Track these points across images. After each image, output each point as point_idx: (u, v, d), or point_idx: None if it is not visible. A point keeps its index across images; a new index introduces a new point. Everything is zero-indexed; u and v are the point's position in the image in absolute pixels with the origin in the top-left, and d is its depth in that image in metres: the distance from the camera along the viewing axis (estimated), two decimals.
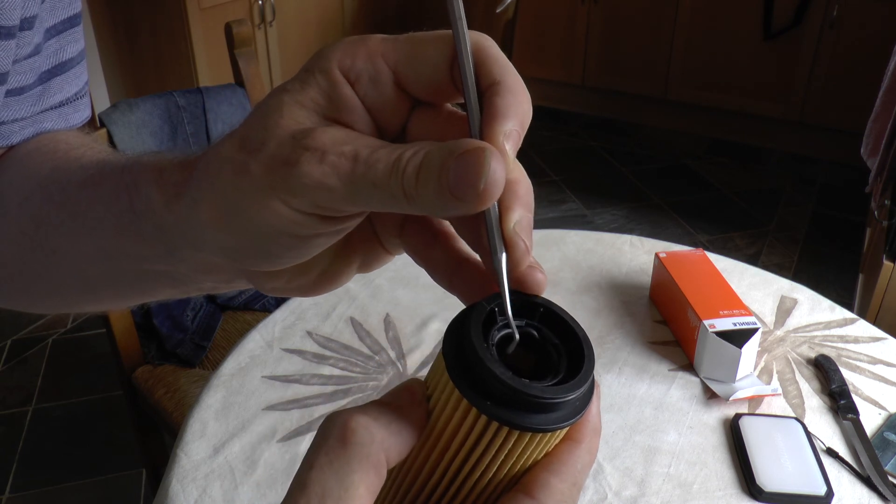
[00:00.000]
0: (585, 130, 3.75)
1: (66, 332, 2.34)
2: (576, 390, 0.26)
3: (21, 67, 0.44)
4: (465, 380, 0.26)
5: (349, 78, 0.27)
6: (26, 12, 0.42)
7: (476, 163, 0.24)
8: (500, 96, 0.26)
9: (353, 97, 0.28)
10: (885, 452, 0.86)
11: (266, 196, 0.27)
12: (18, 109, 0.45)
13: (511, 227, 0.27)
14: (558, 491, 0.27)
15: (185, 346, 1.47)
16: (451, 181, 0.24)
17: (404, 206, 0.26)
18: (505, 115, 0.26)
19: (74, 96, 0.49)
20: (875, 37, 3.04)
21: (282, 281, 0.32)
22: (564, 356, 0.28)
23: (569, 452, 0.27)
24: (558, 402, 0.26)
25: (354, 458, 0.25)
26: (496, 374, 0.25)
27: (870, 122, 2.27)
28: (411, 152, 0.25)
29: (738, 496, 0.81)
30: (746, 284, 1.17)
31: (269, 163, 0.27)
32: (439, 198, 0.25)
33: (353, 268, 0.33)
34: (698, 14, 3.40)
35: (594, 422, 0.28)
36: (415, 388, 0.28)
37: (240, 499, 0.79)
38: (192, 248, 0.31)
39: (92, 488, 1.83)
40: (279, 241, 0.28)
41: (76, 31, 0.48)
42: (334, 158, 0.26)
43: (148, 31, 2.88)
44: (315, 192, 0.26)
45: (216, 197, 0.28)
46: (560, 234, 1.29)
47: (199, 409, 0.91)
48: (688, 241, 2.81)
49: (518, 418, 0.25)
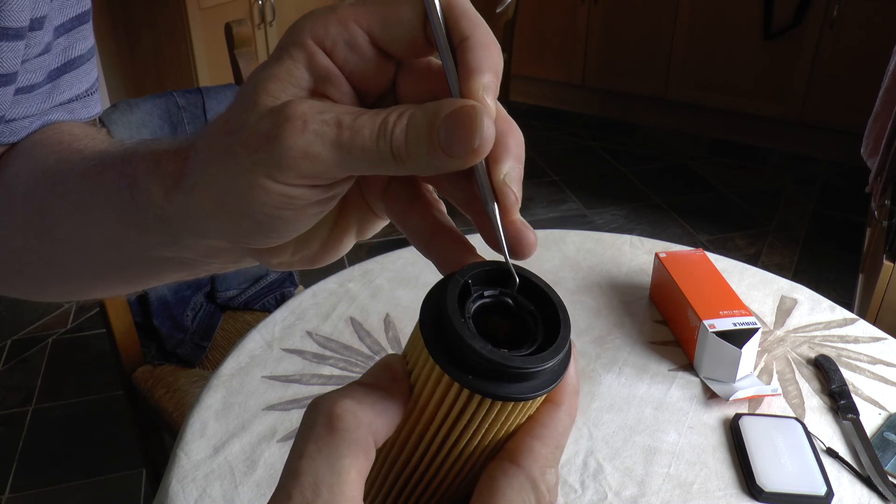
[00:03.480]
0: (585, 130, 3.75)
1: (66, 332, 2.34)
2: (553, 358, 0.26)
3: (31, 66, 0.44)
4: (444, 354, 0.26)
5: (325, 47, 0.27)
6: (36, 13, 0.42)
7: (468, 121, 0.25)
8: (472, 52, 0.26)
9: (330, 66, 0.28)
10: (885, 452, 0.86)
11: (254, 175, 0.27)
12: (29, 107, 0.45)
13: (501, 178, 0.27)
14: (542, 456, 0.27)
15: (185, 346, 1.47)
16: (443, 140, 0.25)
17: (393, 167, 0.26)
18: (479, 68, 0.26)
19: (85, 93, 0.49)
20: (875, 37, 3.04)
21: (286, 255, 0.32)
22: (541, 323, 0.28)
23: (550, 416, 0.28)
24: (536, 370, 0.26)
25: (343, 444, 0.25)
26: (474, 347, 0.25)
27: (870, 122, 2.27)
28: (396, 115, 0.26)
29: (738, 496, 0.81)
30: (746, 284, 1.17)
31: (251, 141, 0.27)
32: (432, 157, 0.25)
33: (352, 234, 0.34)
34: (698, 14, 3.40)
35: (573, 383, 0.28)
36: (394, 365, 0.28)
37: (240, 499, 0.79)
38: (194, 235, 0.32)
39: (92, 488, 1.83)
40: (275, 217, 0.28)
41: (85, 28, 0.48)
42: (317, 126, 0.26)
43: (148, 32, 2.88)
44: (301, 163, 0.26)
45: (208, 184, 0.29)
46: (560, 234, 1.29)
47: (199, 409, 0.91)
48: (688, 241, 2.81)
49: (498, 389, 0.26)
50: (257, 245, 0.31)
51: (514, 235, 0.29)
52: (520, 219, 0.29)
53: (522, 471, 0.27)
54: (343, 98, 0.28)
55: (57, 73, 0.47)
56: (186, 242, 0.33)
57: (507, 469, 0.27)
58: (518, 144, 0.28)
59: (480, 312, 0.28)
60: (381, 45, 0.28)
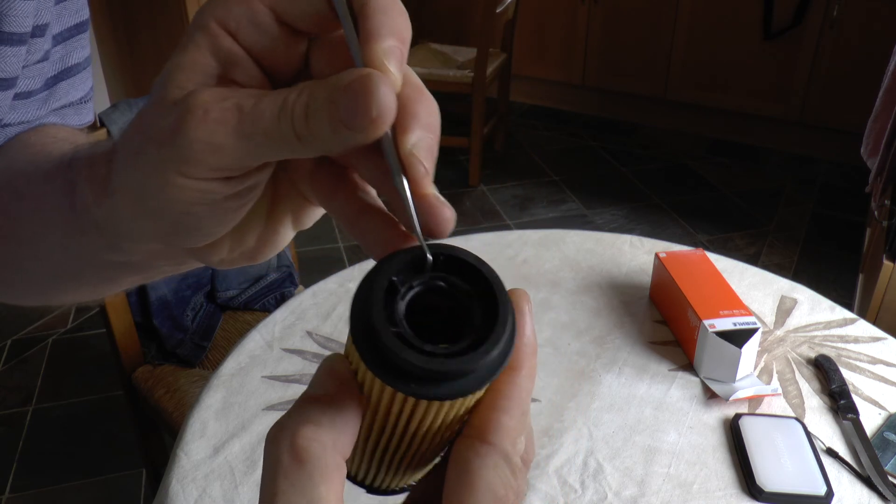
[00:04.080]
0: (585, 130, 3.75)
1: (66, 332, 2.34)
2: (493, 349, 0.25)
3: (30, 72, 0.45)
4: (380, 366, 0.25)
5: (229, 29, 0.26)
6: (39, 20, 0.42)
7: (364, 91, 0.23)
8: (371, 17, 0.25)
9: (235, 48, 0.27)
10: (885, 452, 0.86)
11: (164, 172, 0.26)
12: (24, 112, 0.46)
13: (408, 149, 0.25)
14: (511, 428, 0.27)
15: (185, 346, 1.47)
16: (343, 114, 0.24)
17: (298, 148, 0.25)
18: (378, 33, 0.25)
19: (79, 101, 0.50)
20: (875, 37, 3.04)
21: (224, 252, 0.32)
22: (477, 301, 0.27)
23: (511, 384, 0.27)
24: (475, 367, 0.25)
25: (315, 472, 0.25)
26: (409, 360, 0.24)
27: (870, 122, 2.27)
28: (295, 94, 0.25)
29: (738, 496, 0.81)
30: (746, 284, 1.17)
31: (157, 137, 0.26)
32: (334, 133, 0.24)
33: (288, 225, 0.33)
34: (698, 14, 3.40)
35: (529, 344, 0.28)
36: (339, 370, 0.27)
37: (240, 499, 0.79)
38: (128, 239, 0.31)
39: (92, 488, 1.83)
40: (193, 214, 0.27)
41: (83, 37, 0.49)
42: (217, 115, 0.25)
43: (148, 32, 2.88)
44: (207, 156, 0.25)
45: (127, 185, 0.28)
46: (560, 234, 1.29)
47: (199, 409, 0.91)
48: (688, 241, 2.81)
49: (441, 390, 0.25)
50: (188, 244, 0.30)
51: (427, 211, 0.26)
52: (433, 193, 0.26)
53: (494, 448, 0.26)
54: (252, 81, 0.27)
55: (53, 81, 0.47)
56: (124, 246, 0.32)
57: (479, 449, 0.26)
58: (430, 113, 0.26)
59: (414, 303, 0.27)
60: (288, 21, 0.27)
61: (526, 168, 3.39)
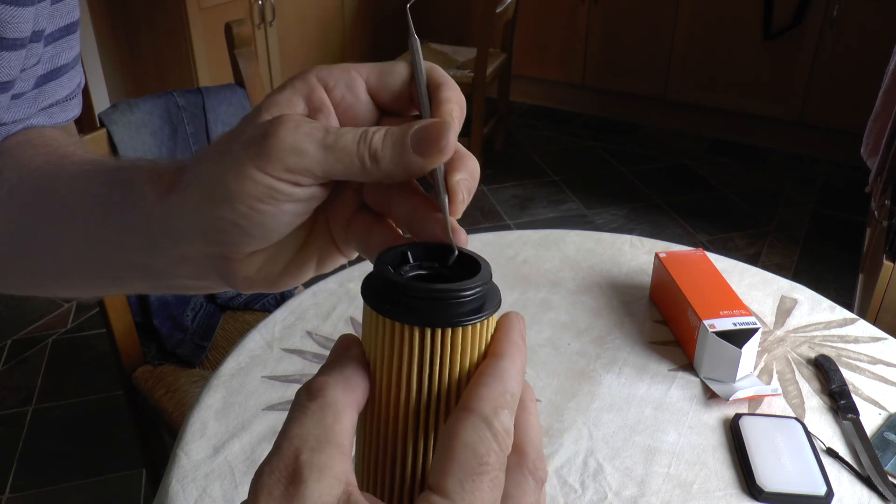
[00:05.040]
0: (585, 130, 3.75)
1: (66, 332, 2.34)
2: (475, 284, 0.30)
3: (24, 75, 0.46)
4: (383, 303, 0.30)
5: (326, 85, 0.33)
6: (37, 26, 0.44)
7: (437, 128, 0.31)
8: (443, 91, 0.33)
9: (325, 100, 0.33)
10: (885, 452, 0.86)
11: (244, 165, 0.31)
12: (16, 112, 0.47)
13: (455, 181, 0.33)
14: (489, 396, 0.29)
15: (185, 346, 1.47)
16: (414, 143, 0.31)
17: (368, 167, 0.31)
18: (449, 100, 0.33)
19: (65, 98, 0.51)
20: (875, 37, 3.04)
21: (253, 268, 0.35)
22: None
23: (492, 365, 0.30)
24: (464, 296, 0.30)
25: (326, 406, 0.29)
26: (405, 284, 0.29)
27: (870, 122, 2.27)
28: (375, 128, 0.32)
29: (738, 496, 0.81)
30: (746, 284, 1.17)
31: (247, 140, 0.31)
32: (403, 156, 0.31)
33: (312, 264, 0.37)
34: (698, 14, 3.40)
35: (515, 341, 0.31)
36: (347, 341, 0.32)
37: (240, 499, 0.79)
38: (173, 238, 0.35)
39: (92, 488, 1.83)
40: (256, 211, 0.32)
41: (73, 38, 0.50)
42: (307, 129, 0.31)
43: (148, 31, 2.88)
44: (288, 156, 0.30)
45: (201, 178, 0.33)
46: (560, 234, 1.29)
47: (199, 409, 0.91)
48: (688, 241, 2.81)
49: (435, 318, 0.29)
50: (232, 247, 0.34)
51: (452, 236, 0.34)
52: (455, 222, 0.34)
53: (473, 412, 0.28)
54: None
55: (43, 80, 0.49)
56: (162, 245, 0.35)
57: (460, 415, 0.29)
58: (474, 167, 0.33)
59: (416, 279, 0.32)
60: (374, 94, 0.34)
61: (526, 168, 3.39)
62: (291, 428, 0.28)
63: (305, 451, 0.27)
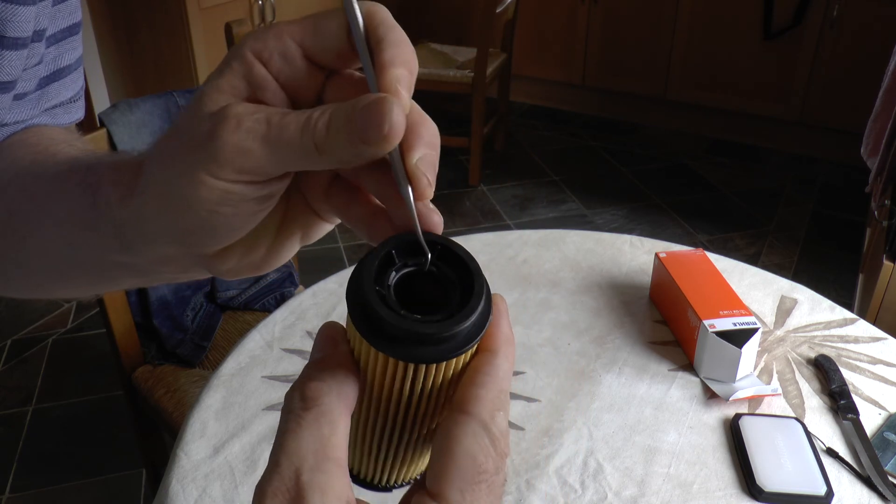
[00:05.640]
0: (585, 130, 3.75)
1: (66, 332, 2.34)
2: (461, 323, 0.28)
3: (25, 75, 0.46)
4: (365, 324, 0.28)
5: (262, 58, 0.30)
6: (38, 25, 0.44)
7: (379, 110, 0.27)
8: (385, 50, 0.29)
9: (265, 75, 0.31)
10: (885, 452, 0.86)
11: (195, 171, 0.29)
12: (19, 113, 0.47)
13: (413, 163, 0.29)
14: (488, 400, 0.29)
15: (185, 346, 1.47)
16: (359, 128, 0.28)
17: (317, 160, 0.29)
18: (392, 63, 0.29)
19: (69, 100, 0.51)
20: (875, 37, 3.04)
21: (233, 260, 0.34)
22: (458, 288, 0.30)
23: (488, 364, 0.30)
24: (447, 335, 0.28)
25: (322, 416, 0.28)
26: (383, 317, 0.27)
27: (870, 122, 2.27)
28: (318, 112, 0.29)
29: (738, 496, 0.81)
30: (746, 284, 1.17)
31: (192, 142, 0.30)
32: (351, 146, 0.28)
33: (296, 240, 0.36)
34: (698, 14, 3.40)
35: (505, 332, 0.31)
36: (334, 335, 0.31)
37: (240, 499, 0.79)
38: (144, 241, 0.34)
39: (92, 488, 1.83)
40: (216, 213, 0.30)
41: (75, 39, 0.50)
42: (250, 124, 0.29)
43: (148, 32, 2.88)
44: (236, 158, 0.29)
45: (156, 185, 0.31)
46: (560, 234, 1.29)
47: (199, 409, 0.91)
48: (688, 241, 2.81)
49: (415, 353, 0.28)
50: (203, 248, 0.33)
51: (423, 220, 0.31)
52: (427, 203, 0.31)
53: (472, 417, 0.28)
54: (277, 104, 0.31)
55: (46, 82, 0.49)
56: (138, 248, 0.34)
57: (458, 418, 0.29)
58: (431, 135, 0.30)
59: (404, 281, 0.30)
60: (311, 56, 0.31)
61: (526, 168, 3.39)
62: (288, 442, 0.28)
63: (306, 472, 0.27)
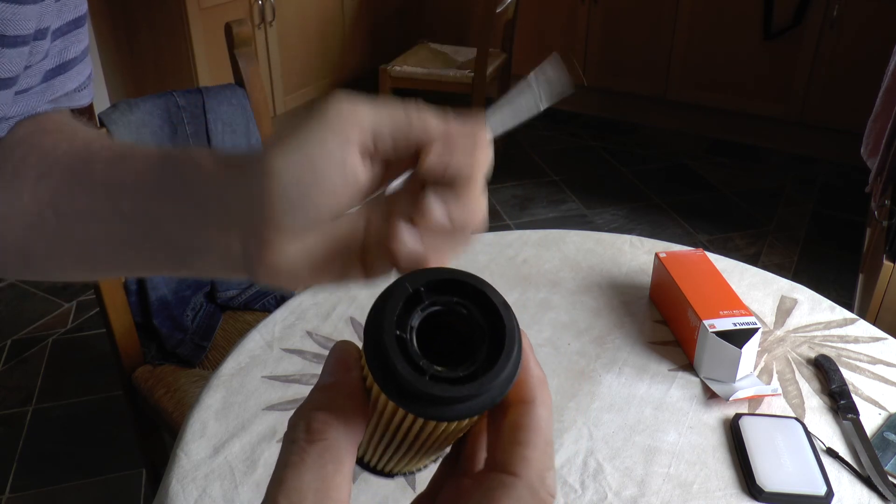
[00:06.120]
0: (585, 130, 3.75)
1: (66, 332, 2.34)
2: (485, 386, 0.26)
3: (29, 71, 0.46)
4: (380, 370, 0.26)
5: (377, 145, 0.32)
6: (41, 24, 0.44)
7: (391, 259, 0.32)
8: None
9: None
10: (885, 452, 0.86)
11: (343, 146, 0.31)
12: (23, 106, 0.47)
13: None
14: (536, 460, 0.27)
15: (185, 346, 1.47)
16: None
17: None
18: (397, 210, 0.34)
19: (74, 90, 0.51)
20: (875, 37, 3.04)
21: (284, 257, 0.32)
22: (487, 336, 0.28)
23: (529, 416, 0.28)
24: (469, 395, 0.26)
25: (326, 453, 0.27)
26: (406, 376, 0.25)
27: (870, 122, 2.27)
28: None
29: (738, 496, 0.81)
30: (746, 284, 1.17)
31: None
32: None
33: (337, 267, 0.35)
34: (698, 14, 3.40)
35: (537, 375, 0.29)
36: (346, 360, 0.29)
37: (240, 499, 0.79)
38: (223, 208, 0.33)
39: (92, 488, 1.83)
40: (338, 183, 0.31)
41: (81, 31, 0.50)
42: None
43: (148, 31, 2.88)
44: None
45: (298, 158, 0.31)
46: (560, 234, 1.29)
47: (199, 409, 0.91)
48: (688, 241, 2.81)
49: (432, 412, 0.26)
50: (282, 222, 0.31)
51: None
52: None
53: (521, 480, 0.27)
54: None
55: (51, 75, 0.49)
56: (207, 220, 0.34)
57: (505, 480, 0.27)
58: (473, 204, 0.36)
59: (428, 320, 0.28)
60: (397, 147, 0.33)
61: (526, 168, 3.39)
62: (289, 478, 0.26)
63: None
